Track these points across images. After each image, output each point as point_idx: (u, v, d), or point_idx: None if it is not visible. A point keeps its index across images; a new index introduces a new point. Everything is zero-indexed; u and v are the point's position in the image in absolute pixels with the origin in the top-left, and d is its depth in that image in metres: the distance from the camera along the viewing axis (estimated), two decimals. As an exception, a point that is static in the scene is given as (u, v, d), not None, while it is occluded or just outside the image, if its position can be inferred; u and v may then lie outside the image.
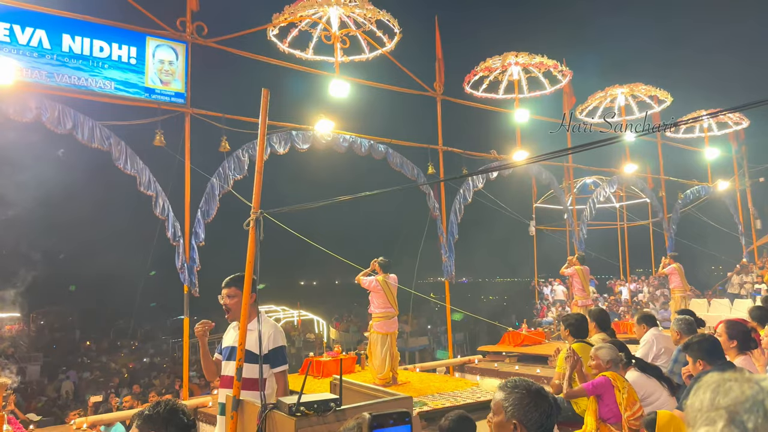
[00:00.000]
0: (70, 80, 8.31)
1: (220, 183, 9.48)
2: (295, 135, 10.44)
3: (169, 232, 9.02)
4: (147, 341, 28.89)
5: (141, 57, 8.91)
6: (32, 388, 16.87)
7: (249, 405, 3.19)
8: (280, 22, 10.14)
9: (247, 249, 3.48)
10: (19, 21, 7.96)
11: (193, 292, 9.11)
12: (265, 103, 3.46)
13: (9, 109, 7.78)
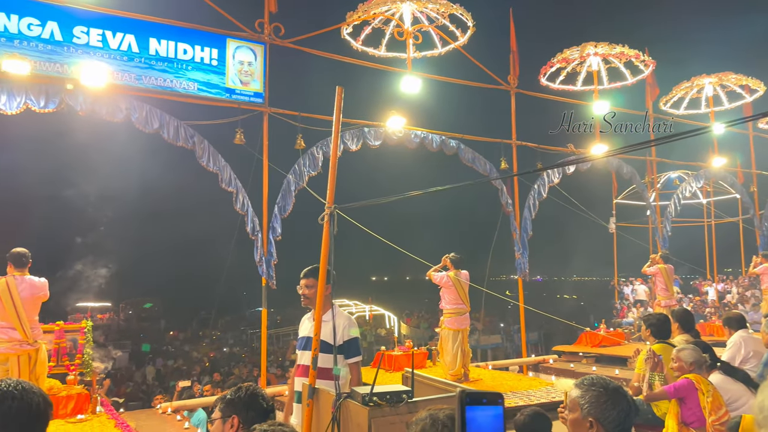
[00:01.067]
0: (156, 82, 8.80)
1: (295, 179, 9.75)
2: (367, 132, 10.59)
3: (249, 227, 9.38)
4: (227, 332, 30.06)
5: (222, 58, 9.30)
6: (121, 373, 18.00)
7: (324, 393, 3.30)
8: (353, 20, 10.30)
9: (322, 243, 3.60)
10: (110, 27, 8.49)
11: (270, 285, 9.44)
12: (339, 101, 3.56)
13: (102, 110, 8.33)
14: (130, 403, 11.79)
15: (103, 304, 33.61)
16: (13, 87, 7.72)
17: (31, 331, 5.88)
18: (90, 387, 7.22)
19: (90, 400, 7.04)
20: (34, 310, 5.98)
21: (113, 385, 14.24)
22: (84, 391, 7.11)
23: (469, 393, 1.14)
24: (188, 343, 26.28)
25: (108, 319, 32.79)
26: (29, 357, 5.86)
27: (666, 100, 15.59)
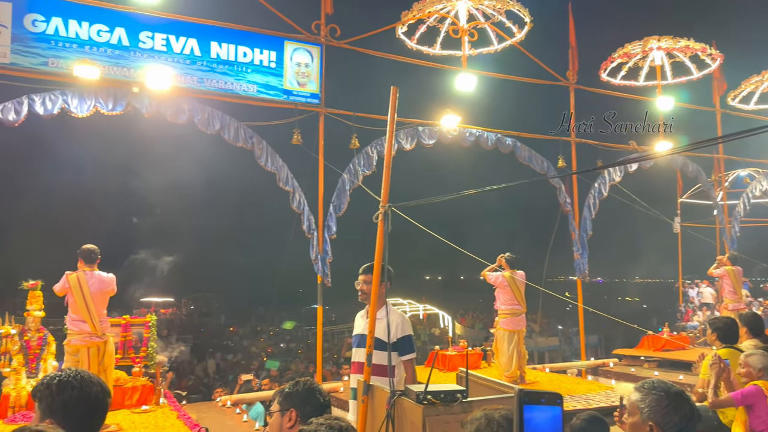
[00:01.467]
0: (217, 84, 9.07)
1: (350, 178, 9.86)
2: (421, 131, 10.59)
3: (305, 225, 9.54)
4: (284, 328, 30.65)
5: (280, 61, 9.50)
6: (183, 367, 18.65)
7: (379, 390, 3.33)
8: (408, 19, 10.31)
9: (376, 241, 3.63)
10: (174, 31, 8.82)
11: (325, 283, 9.58)
12: (394, 101, 3.59)
13: (166, 112, 8.66)
14: (192, 395, 12.20)
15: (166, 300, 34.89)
16: (83, 91, 8.13)
17: (100, 324, 6.16)
18: (154, 379, 7.52)
19: (154, 391, 7.34)
20: (102, 304, 6.27)
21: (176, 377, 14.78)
22: (148, 382, 7.42)
23: (528, 392, 1.14)
24: (247, 339, 26.96)
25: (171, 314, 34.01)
26: (98, 349, 6.15)
27: (734, 95, 14.88)
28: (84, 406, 1.95)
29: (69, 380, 1.98)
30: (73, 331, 6.10)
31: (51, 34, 8.01)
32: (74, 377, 2.00)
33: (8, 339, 6.90)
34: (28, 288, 6.99)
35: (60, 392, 1.95)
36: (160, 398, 7.39)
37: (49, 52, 7.97)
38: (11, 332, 6.92)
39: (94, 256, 6.27)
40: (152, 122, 8.86)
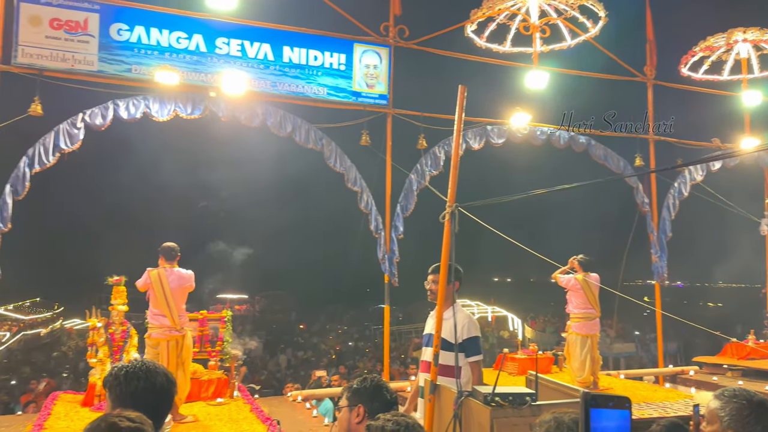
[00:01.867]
0: (289, 88, 9.30)
1: (417, 179, 9.86)
2: (490, 129, 10.45)
3: (372, 225, 9.63)
4: (352, 326, 31.04)
5: (349, 63, 9.63)
6: (255, 362, 19.23)
7: (445, 390, 3.32)
8: (478, 17, 10.20)
9: (443, 241, 3.62)
10: (248, 37, 9.11)
11: (393, 282, 9.63)
12: (462, 100, 3.56)
13: (241, 115, 8.96)
14: (264, 390, 12.56)
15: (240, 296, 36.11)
16: (164, 96, 8.53)
17: (179, 318, 6.45)
18: (228, 373, 7.80)
19: (228, 385, 7.61)
20: (181, 300, 6.55)
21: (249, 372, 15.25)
22: (223, 376, 7.70)
23: (595, 395, 1.11)
24: (316, 336, 27.47)
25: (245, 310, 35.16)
26: (177, 342, 6.43)
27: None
28: (149, 395, 2.05)
29: (135, 371, 2.09)
30: (154, 325, 6.40)
31: (134, 42, 8.46)
32: (140, 368, 2.11)
33: (95, 331, 7.34)
34: (113, 283, 7.41)
35: (127, 383, 2.06)
36: (234, 391, 7.64)
37: (133, 59, 8.42)
38: (97, 325, 7.36)
39: (174, 254, 6.57)
40: (223, 124, 9.17)
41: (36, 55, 7.96)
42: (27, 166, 7.85)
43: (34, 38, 7.95)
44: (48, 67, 8.01)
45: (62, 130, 8.03)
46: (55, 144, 7.97)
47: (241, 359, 9.29)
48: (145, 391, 2.05)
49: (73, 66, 8.13)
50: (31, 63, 7.93)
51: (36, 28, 7.96)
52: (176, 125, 8.81)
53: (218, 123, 9.10)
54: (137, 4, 8.55)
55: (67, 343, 26.46)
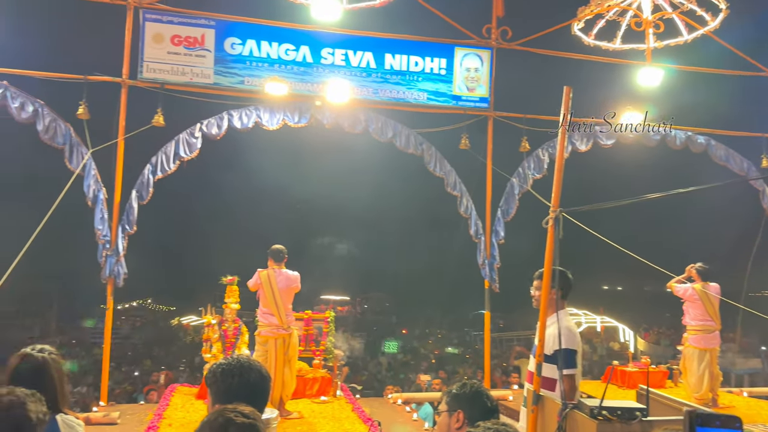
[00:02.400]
0: (390, 94, 9.46)
1: (519, 182, 9.67)
2: (598, 130, 10.05)
3: (472, 230, 9.56)
4: (452, 331, 30.84)
5: (450, 67, 9.63)
6: (357, 363, 19.61)
7: (549, 401, 3.24)
8: (585, 14, 9.83)
9: (546, 248, 3.53)
10: (352, 47, 9.37)
11: (493, 288, 9.50)
12: (567, 101, 3.47)
13: (345, 122, 9.23)
14: (365, 390, 12.79)
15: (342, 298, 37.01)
16: (273, 106, 8.96)
17: (286, 317, 6.73)
18: (332, 372, 8.03)
19: (332, 384, 7.83)
20: (288, 300, 6.83)
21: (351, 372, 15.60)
22: (327, 375, 7.94)
23: (701, 413, 1.05)
24: (416, 339, 27.56)
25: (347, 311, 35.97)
26: (284, 341, 6.70)
27: None
28: (244, 391, 2.16)
29: (230, 368, 2.22)
30: (263, 323, 6.73)
31: (246, 55, 8.96)
32: (235, 365, 2.23)
33: (210, 328, 7.83)
34: (226, 283, 7.88)
35: (223, 379, 2.19)
36: (337, 390, 7.86)
37: (245, 71, 8.93)
38: (212, 322, 7.84)
39: (282, 256, 6.87)
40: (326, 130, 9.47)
41: (158, 70, 8.63)
42: (150, 173, 8.54)
43: (157, 54, 8.63)
44: (169, 80, 8.66)
45: (182, 140, 8.66)
46: (176, 152, 8.61)
47: (343, 359, 9.52)
48: (239, 387, 2.18)
49: (192, 79, 8.74)
50: (154, 77, 8.62)
51: (159, 45, 8.64)
52: (282, 131, 9.20)
53: (322, 129, 9.42)
54: (249, 18, 9.06)
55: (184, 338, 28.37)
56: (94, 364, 17.42)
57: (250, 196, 33.99)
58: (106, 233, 8.23)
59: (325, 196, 29.39)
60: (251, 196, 33.85)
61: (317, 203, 30.52)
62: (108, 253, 8.21)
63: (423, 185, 14.30)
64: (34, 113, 8.07)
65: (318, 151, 19.30)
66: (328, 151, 17.13)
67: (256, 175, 30.53)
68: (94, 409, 7.36)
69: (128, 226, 8.37)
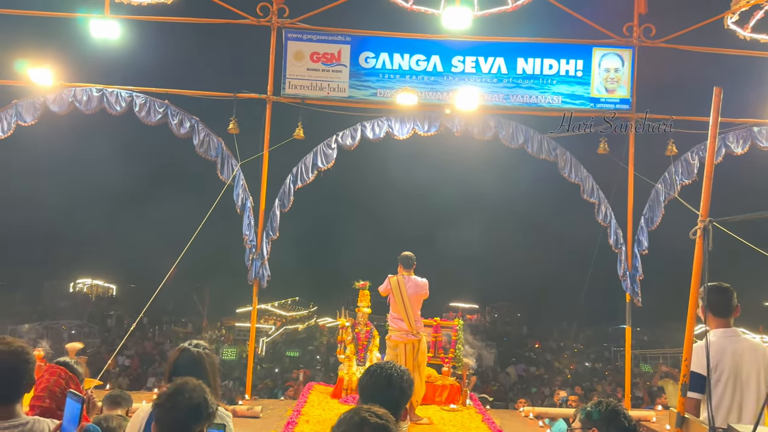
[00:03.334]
0: (522, 99, 9.29)
1: (665, 189, 9.05)
2: (756, 131, 9.12)
3: (611, 239, 9.10)
4: (589, 346, 29.45)
5: (587, 69, 9.27)
6: (486, 373, 19.32)
7: (694, 425, 3.01)
8: (741, 6, 9.01)
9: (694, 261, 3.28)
10: (483, 53, 9.33)
11: (635, 302, 8.97)
12: (717, 102, 3.21)
13: (474, 130, 9.21)
14: (495, 402, 12.60)
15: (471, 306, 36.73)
16: (404, 116, 9.18)
17: (415, 323, 6.83)
18: (461, 380, 8.01)
19: (460, 392, 7.81)
20: (417, 306, 6.94)
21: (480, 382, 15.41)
22: (455, 383, 7.94)
23: None
24: (549, 353, 26.63)
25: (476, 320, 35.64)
26: (413, 346, 6.81)
27: None
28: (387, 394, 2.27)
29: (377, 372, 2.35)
30: (393, 328, 6.89)
31: (379, 68, 9.26)
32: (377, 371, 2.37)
33: (344, 330, 8.16)
34: (359, 287, 8.17)
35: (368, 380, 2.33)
36: (466, 399, 7.83)
37: (378, 83, 9.23)
38: (346, 324, 8.16)
39: (411, 262, 7.00)
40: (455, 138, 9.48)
41: (299, 86, 9.19)
42: (291, 182, 9.12)
43: (297, 71, 9.20)
44: (308, 95, 9.19)
45: (319, 151, 9.16)
46: (314, 163, 9.12)
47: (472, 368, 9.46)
48: (383, 390, 2.28)
49: (328, 93, 9.21)
50: (295, 93, 9.19)
51: (299, 62, 9.20)
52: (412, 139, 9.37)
53: (451, 137, 9.46)
54: (382, 32, 9.37)
55: (320, 338, 29.70)
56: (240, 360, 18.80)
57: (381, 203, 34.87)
58: (253, 238, 8.90)
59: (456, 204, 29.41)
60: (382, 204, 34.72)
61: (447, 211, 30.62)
62: (254, 257, 8.88)
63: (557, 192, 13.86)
64: (191, 128, 8.95)
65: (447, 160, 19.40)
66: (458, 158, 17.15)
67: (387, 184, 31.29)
68: (239, 402, 7.97)
69: (272, 232, 9.00)
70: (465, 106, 8.94)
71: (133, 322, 8.69)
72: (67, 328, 22.70)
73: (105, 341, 21.53)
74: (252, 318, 9.64)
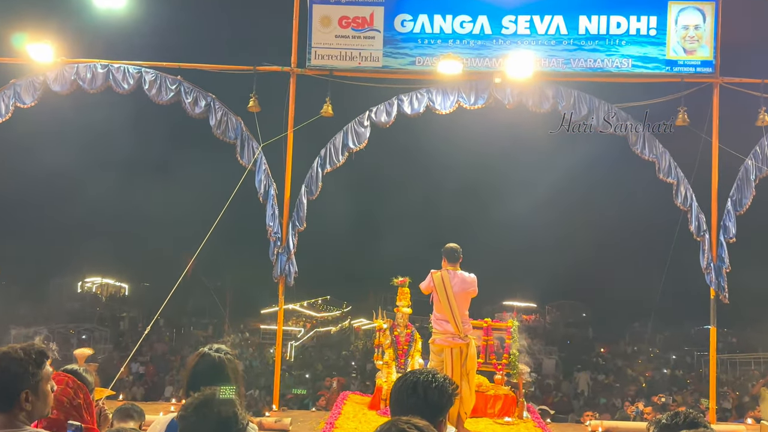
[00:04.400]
0: (585, 64, 9.14)
1: (756, 166, 8.82)
2: None
3: (692, 226, 8.93)
4: (667, 350, 28.98)
5: (662, 26, 9.06)
6: (547, 381, 19.17)
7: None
8: None
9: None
10: (538, 11, 9.20)
11: (721, 298, 8.80)
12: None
13: (528, 101, 9.10)
14: (558, 414, 12.53)
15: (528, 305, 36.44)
16: (447, 87, 9.14)
17: (462, 325, 6.84)
18: (516, 390, 8.00)
19: (516, 403, 7.81)
20: (464, 305, 6.94)
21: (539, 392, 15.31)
22: (510, 393, 7.93)
23: None
24: (620, 358, 26.31)
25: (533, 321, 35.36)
26: (461, 351, 6.82)
27: None
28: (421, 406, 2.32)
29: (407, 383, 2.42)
30: (437, 331, 6.91)
31: (417, 32, 9.23)
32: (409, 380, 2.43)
33: (381, 333, 8.24)
34: (398, 284, 8.23)
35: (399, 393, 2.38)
36: (523, 411, 7.82)
37: (416, 50, 9.20)
38: (383, 326, 8.24)
39: (457, 255, 6.99)
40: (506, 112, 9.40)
41: (326, 56, 9.23)
42: (319, 166, 9.19)
43: (324, 39, 9.23)
44: (337, 66, 9.23)
45: (350, 129, 9.20)
46: (344, 143, 9.16)
47: (530, 376, 9.44)
48: (405, 399, 2.33)
49: (360, 63, 9.23)
50: (322, 64, 9.24)
51: (326, 28, 9.23)
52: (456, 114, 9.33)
53: (501, 110, 9.39)
54: (421, -11, 9.32)
55: (355, 342, 29.96)
56: (266, 366, 19.14)
57: (421, 189, 34.83)
58: (277, 230, 9.03)
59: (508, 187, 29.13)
60: (422, 189, 34.69)
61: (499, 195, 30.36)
62: (279, 251, 9.00)
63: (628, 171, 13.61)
64: (207, 107, 9.10)
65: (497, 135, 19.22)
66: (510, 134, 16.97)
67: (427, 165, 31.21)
68: (266, 414, 8.14)
69: (298, 223, 9.10)
70: (518, 73, 8.83)
71: (147, 325, 8.94)
72: (75, 332, 23.47)
73: (117, 346, 22.19)
74: (279, 319, 9.81)
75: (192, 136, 16.59)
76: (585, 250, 34.05)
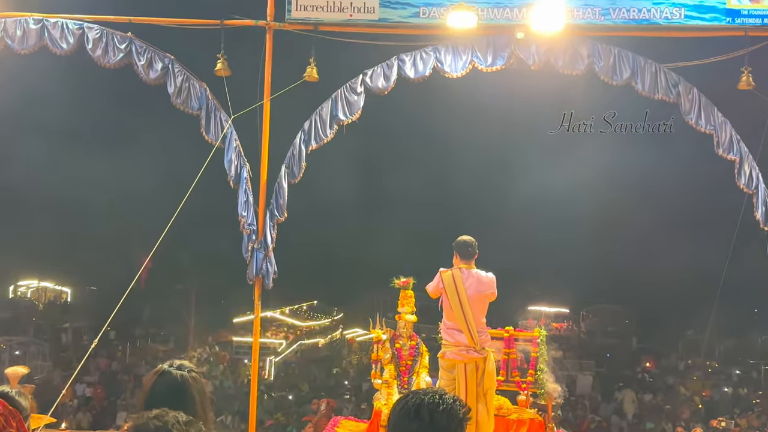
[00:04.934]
0: (627, 15, 9.11)
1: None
2: None
3: (758, 212, 8.95)
4: (729, 363, 29.05)
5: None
6: (583, 403, 19.25)
7: None
8: None
9: None
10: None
11: (795, 300, 8.87)
12: None
13: (558, 61, 9.08)
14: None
15: (559, 310, 36.46)
16: (458, 44, 9.11)
17: (478, 335, 6.81)
18: (544, 413, 8.02)
19: (545, 429, 7.83)
20: (481, 311, 6.91)
21: (572, 415, 15.40)
22: (537, 417, 7.95)
23: None
24: (671, 374, 26.40)
25: (566, 329, 35.40)
26: (476, 366, 6.80)
27: None
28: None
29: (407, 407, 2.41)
30: (448, 342, 6.89)
31: (423, -23, 9.18)
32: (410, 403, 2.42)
33: (379, 345, 8.21)
34: (400, 286, 8.18)
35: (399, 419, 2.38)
36: (550, 435, 7.84)
37: (421, 0, 9.14)
38: (382, 338, 8.22)
39: (472, 251, 6.94)
40: (524, 75, 9.40)
41: (310, 7, 9.16)
42: (303, 142, 9.14)
43: (308, -15, 9.17)
44: (324, 20, 9.18)
45: (340, 97, 9.16)
46: (333, 114, 9.13)
47: (560, 396, 9.47)
48: (422, 428, 2.33)
49: (351, 16, 9.17)
50: (305, 17, 9.18)
51: (310, -29, 9.17)
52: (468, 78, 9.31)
53: (525, 72, 9.37)
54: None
55: (348, 357, 30.02)
56: (240, 387, 19.20)
57: (430, 168, 34.71)
58: (252, 221, 9.00)
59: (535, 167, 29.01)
60: (431, 169, 34.57)
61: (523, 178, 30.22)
62: (254, 246, 8.96)
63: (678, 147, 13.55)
64: (164, 71, 9.05)
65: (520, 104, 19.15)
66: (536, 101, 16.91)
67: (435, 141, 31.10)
68: (241, 444, 8.15)
69: (277, 212, 9.07)
70: (545, 27, 8.81)
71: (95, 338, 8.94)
72: (6, 346, 23.42)
73: (58, 364, 22.20)
74: (255, 330, 9.80)
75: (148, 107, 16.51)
76: (629, 243, 34.00)
